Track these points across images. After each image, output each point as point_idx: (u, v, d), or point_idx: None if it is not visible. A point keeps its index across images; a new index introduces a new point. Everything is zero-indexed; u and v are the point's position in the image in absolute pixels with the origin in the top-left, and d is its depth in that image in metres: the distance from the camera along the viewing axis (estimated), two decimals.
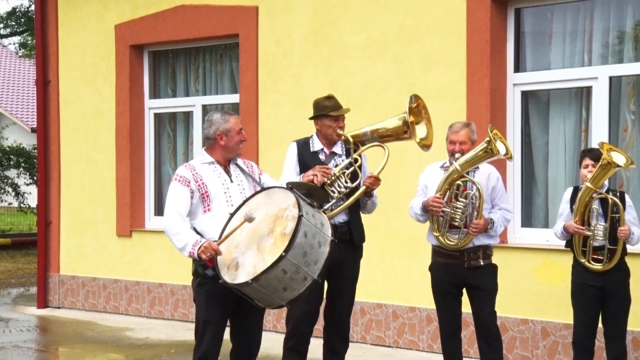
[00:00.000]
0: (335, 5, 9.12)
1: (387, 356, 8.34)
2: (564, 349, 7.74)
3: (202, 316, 5.62)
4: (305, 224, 5.17)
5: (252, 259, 5.25)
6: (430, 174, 6.87)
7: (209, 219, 5.61)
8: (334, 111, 6.44)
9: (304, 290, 5.27)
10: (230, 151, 5.75)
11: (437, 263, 6.82)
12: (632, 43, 7.87)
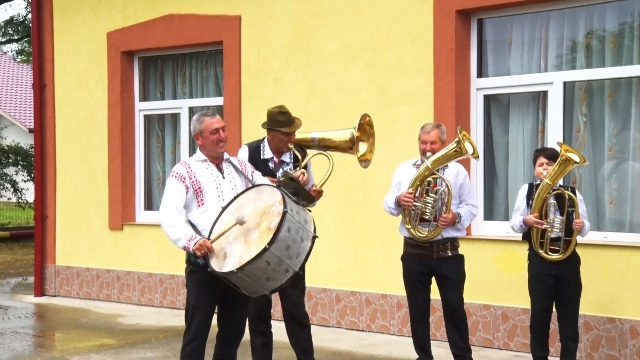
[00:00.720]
0: (313, 15, 9.13)
1: (360, 340, 8.34)
2: (522, 331, 7.79)
3: (192, 301, 5.62)
4: (289, 220, 5.19)
5: (239, 250, 5.26)
6: (403, 171, 6.92)
7: (202, 213, 5.61)
8: (286, 127, 6.38)
9: (286, 281, 5.28)
10: (209, 150, 5.71)
11: (408, 253, 6.84)
12: (584, 51, 7.92)
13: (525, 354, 7.49)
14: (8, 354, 7.95)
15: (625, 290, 7.34)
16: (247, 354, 6.89)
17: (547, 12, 8.04)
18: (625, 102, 7.73)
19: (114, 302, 10.79)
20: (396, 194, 6.72)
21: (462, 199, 6.82)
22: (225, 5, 9.80)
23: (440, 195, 6.63)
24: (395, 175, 6.96)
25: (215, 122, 5.69)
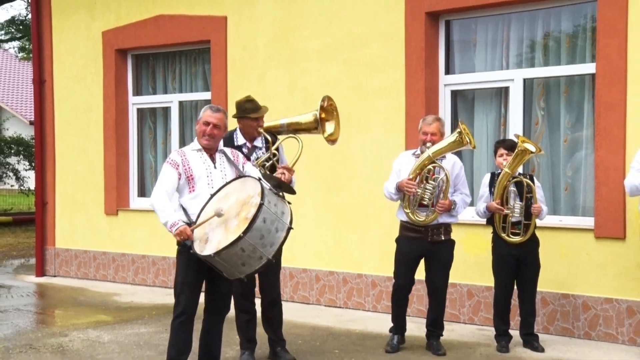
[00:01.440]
0: (294, 16, 9.14)
1: (338, 316, 8.38)
2: (485, 307, 7.87)
3: (180, 279, 5.65)
4: (265, 212, 5.20)
5: (219, 236, 5.28)
6: (403, 160, 6.93)
7: (192, 199, 5.63)
8: (254, 113, 6.38)
9: (260, 267, 5.31)
10: (210, 142, 5.73)
11: (405, 236, 6.85)
12: (542, 50, 7.97)
13: (488, 328, 7.55)
14: (11, 329, 7.94)
15: (578, 269, 7.43)
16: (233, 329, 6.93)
17: (509, 15, 8.07)
18: (579, 97, 7.79)
19: (110, 282, 10.79)
20: (397, 181, 6.74)
21: (457, 188, 6.89)
22: (212, 6, 9.79)
23: (439, 183, 6.69)
24: (396, 164, 6.95)
25: (210, 117, 5.70)
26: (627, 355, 6.80)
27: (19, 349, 7.06)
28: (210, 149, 5.77)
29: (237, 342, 7.00)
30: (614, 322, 7.26)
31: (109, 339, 7.46)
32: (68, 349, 7.06)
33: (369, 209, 8.53)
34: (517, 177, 6.83)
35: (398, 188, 6.69)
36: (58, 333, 7.73)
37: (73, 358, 6.77)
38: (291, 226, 5.43)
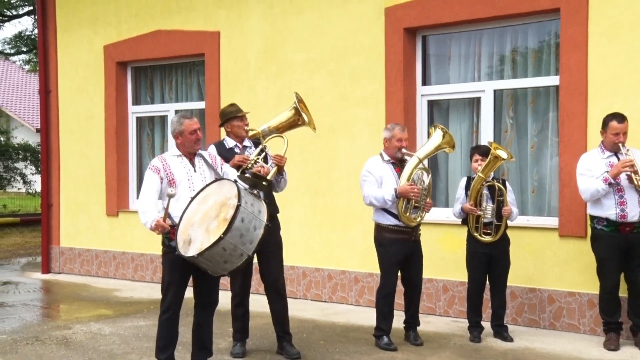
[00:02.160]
0: (281, 31, 9.16)
1: (323, 309, 8.40)
2: (459, 301, 7.91)
3: (167, 278, 5.65)
4: (242, 212, 5.20)
5: (201, 237, 5.27)
6: (379, 166, 6.73)
7: (175, 201, 5.56)
8: (235, 113, 6.41)
9: (241, 264, 5.31)
10: (187, 147, 5.72)
11: (391, 239, 6.65)
12: (510, 64, 8.01)
13: (462, 320, 7.59)
14: (19, 322, 7.94)
15: (544, 265, 7.48)
16: (225, 322, 6.93)
17: (480, 31, 8.11)
18: (544, 107, 7.83)
19: (111, 278, 10.77)
20: (385, 189, 6.58)
21: None
22: (206, 22, 9.81)
23: (428, 185, 6.67)
24: (375, 170, 6.71)
25: (193, 124, 5.69)
26: (588, 344, 6.85)
27: (26, 341, 7.07)
28: (192, 153, 5.75)
29: (230, 334, 7.01)
30: (576, 313, 7.31)
31: (110, 331, 7.46)
32: (72, 341, 7.07)
33: (351, 211, 8.56)
34: (490, 181, 6.88)
35: (400, 194, 6.47)
36: (62, 326, 7.73)
37: (76, 349, 6.77)
38: (268, 223, 5.40)
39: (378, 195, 6.59)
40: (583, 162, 6.73)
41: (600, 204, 6.60)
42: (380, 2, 8.40)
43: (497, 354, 6.51)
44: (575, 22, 7.25)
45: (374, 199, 6.62)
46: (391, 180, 6.64)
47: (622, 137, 6.49)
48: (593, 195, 6.56)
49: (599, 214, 6.62)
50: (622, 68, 7.07)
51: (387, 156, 6.77)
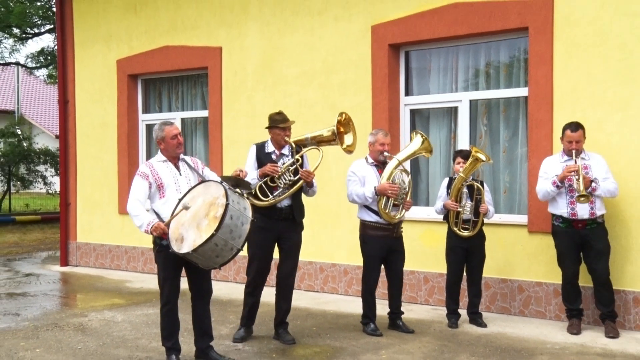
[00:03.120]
0: (277, 47, 9.17)
1: (315, 299, 8.41)
2: (438, 291, 7.92)
3: (162, 275, 5.66)
4: (231, 210, 5.20)
5: (193, 235, 5.26)
6: (363, 168, 6.76)
7: (163, 204, 5.60)
8: (282, 124, 6.35)
9: (232, 257, 5.32)
10: (170, 152, 5.69)
11: (373, 235, 6.67)
12: (484, 77, 8.03)
13: (441, 308, 7.61)
14: (40, 310, 7.94)
15: (514, 258, 7.51)
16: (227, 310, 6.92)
17: (457, 47, 8.13)
18: (514, 115, 7.85)
19: (123, 271, 10.76)
20: (366, 187, 6.61)
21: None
22: (209, 39, 9.81)
23: (408, 185, 6.68)
24: (358, 171, 6.74)
25: (173, 130, 5.67)
26: (553, 329, 6.89)
27: (46, 327, 7.07)
28: (178, 156, 5.73)
29: (231, 321, 7.04)
30: (543, 301, 7.34)
31: (122, 318, 7.47)
32: (87, 327, 7.07)
33: (340, 209, 8.56)
34: (469, 182, 6.91)
35: (379, 192, 6.52)
36: (79, 314, 7.73)
37: (92, 335, 6.77)
38: (253, 218, 5.41)
39: (359, 193, 6.63)
40: (543, 165, 6.86)
41: (556, 203, 6.72)
42: (366, 21, 8.42)
43: (472, 339, 6.54)
44: (541, 40, 7.28)
45: (355, 195, 6.67)
46: (373, 180, 6.67)
47: (574, 144, 6.55)
48: (545, 196, 6.72)
49: (555, 212, 6.74)
50: (582, 81, 7.11)
51: (371, 159, 6.80)
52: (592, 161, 6.64)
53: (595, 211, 6.56)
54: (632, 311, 6.87)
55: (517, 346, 6.28)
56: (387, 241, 6.69)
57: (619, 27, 6.92)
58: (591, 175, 6.51)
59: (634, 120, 6.85)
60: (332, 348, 6.25)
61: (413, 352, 6.08)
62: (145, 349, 6.24)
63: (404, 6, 8.15)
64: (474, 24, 7.70)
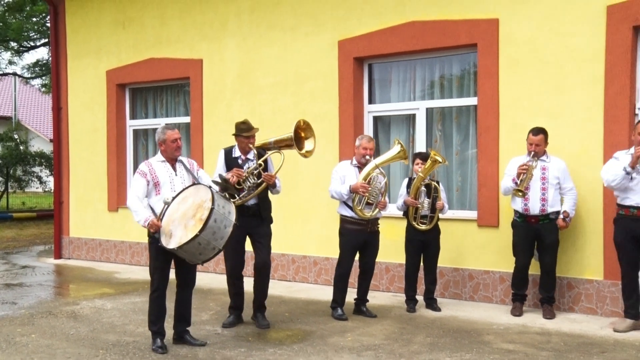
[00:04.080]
0: (253, 59, 9.17)
1: (288, 287, 8.42)
2: (398, 279, 7.98)
3: (153, 264, 5.67)
4: (215, 213, 5.21)
5: (180, 233, 5.28)
6: (344, 168, 6.83)
7: (159, 200, 5.62)
8: (246, 132, 6.35)
9: (213, 255, 5.35)
10: (169, 154, 5.72)
11: (349, 229, 6.73)
12: (439, 88, 8.09)
13: (400, 294, 7.65)
14: (35, 299, 7.86)
15: (465, 249, 7.59)
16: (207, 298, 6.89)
17: (414, 60, 8.18)
18: (465, 122, 7.92)
19: (112, 263, 10.69)
20: (344, 185, 6.64)
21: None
22: (191, 52, 9.78)
23: (383, 186, 6.72)
24: (338, 172, 6.79)
25: (174, 134, 5.70)
26: (499, 312, 6.98)
27: (41, 315, 7.01)
28: (176, 158, 5.75)
29: (211, 308, 7.03)
30: (490, 288, 7.43)
31: (111, 306, 7.42)
32: (79, 314, 7.02)
33: (311, 206, 8.60)
34: (427, 181, 6.98)
35: (352, 190, 6.57)
36: (71, 302, 7.67)
37: (83, 321, 6.72)
38: (236, 222, 5.42)
39: (337, 189, 6.70)
40: (509, 164, 6.87)
41: (515, 199, 6.77)
42: (334, 37, 8.45)
43: (428, 322, 6.60)
44: (488, 55, 7.37)
45: (334, 192, 6.74)
46: (352, 179, 6.72)
47: (534, 147, 6.63)
48: (505, 191, 6.80)
49: (514, 207, 6.82)
50: (523, 92, 7.21)
51: (355, 161, 6.86)
52: (550, 163, 6.68)
53: (546, 208, 6.63)
54: (566, 295, 7.01)
55: (467, 327, 6.35)
56: (362, 235, 6.73)
57: (553, 46, 7.03)
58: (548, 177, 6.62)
59: (567, 126, 6.97)
60: (303, 332, 6.27)
61: (375, 334, 6.13)
62: (133, 334, 6.21)
63: (368, 24, 8.20)
64: (429, 40, 7.76)
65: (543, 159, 6.67)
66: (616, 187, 6.10)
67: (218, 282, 8.72)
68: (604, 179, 6.17)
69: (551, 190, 6.62)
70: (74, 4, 11.13)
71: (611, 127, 6.73)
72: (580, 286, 6.94)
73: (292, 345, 5.77)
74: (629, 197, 6.08)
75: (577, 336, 6.06)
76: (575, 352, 5.57)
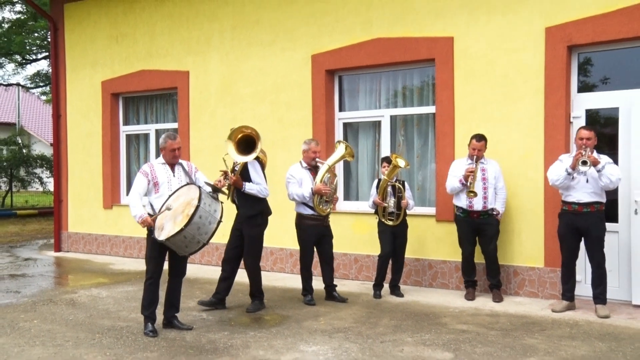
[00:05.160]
0: (235, 71, 9.13)
1: (266, 277, 8.22)
2: (366, 269, 7.99)
3: (148, 253, 5.65)
4: (201, 210, 5.21)
5: (169, 227, 5.28)
6: (299, 171, 6.82)
7: (157, 198, 5.62)
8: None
9: (198, 248, 5.35)
10: (167, 159, 5.72)
11: (308, 224, 6.77)
12: (402, 97, 8.12)
13: (368, 282, 7.69)
14: (37, 288, 7.76)
15: (425, 241, 7.63)
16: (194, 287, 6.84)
17: (380, 73, 8.21)
18: (425, 128, 7.96)
19: (107, 255, 10.57)
20: (305, 188, 6.67)
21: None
22: (178, 64, 9.70)
23: (336, 185, 6.83)
24: (296, 174, 6.78)
25: (174, 145, 5.69)
26: (454, 297, 7.04)
27: (42, 302, 6.93)
28: (173, 163, 5.74)
29: (197, 296, 6.99)
30: (447, 275, 7.48)
31: (106, 294, 7.35)
32: (77, 302, 6.95)
33: (287, 204, 8.50)
34: (393, 182, 7.00)
35: (315, 192, 6.61)
36: (70, 291, 7.58)
37: (81, 308, 6.66)
38: (221, 220, 5.41)
39: (299, 193, 6.70)
40: (452, 166, 6.99)
41: (459, 197, 6.87)
42: (307, 51, 8.45)
43: (392, 306, 6.63)
44: (445, 69, 7.42)
45: (296, 195, 6.74)
46: (308, 181, 6.74)
47: (476, 151, 6.72)
48: (452, 190, 6.88)
49: (458, 204, 6.91)
50: (476, 102, 7.27)
51: (305, 164, 6.85)
52: (488, 165, 6.81)
53: (487, 205, 6.75)
54: (512, 280, 7.10)
55: (426, 311, 6.40)
56: (318, 229, 6.79)
57: (501, 61, 7.11)
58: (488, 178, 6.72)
59: (515, 132, 7.06)
60: (280, 316, 6.26)
61: (345, 318, 6.13)
62: (126, 320, 6.15)
63: (338, 39, 8.21)
64: (393, 55, 7.80)
65: (482, 162, 6.78)
66: (559, 186, 6.22)
67: (203, 272, 8.69)
68: (549, 178, 6.28)
69: (490, 189, 6.76)
70: (72, 20, 10.99)
71: (551, 133, 6.83)
72: (524, 273, 7.03)
73: (271, 329, 5.76)
74: (571, 194, 6.20)
75: (521, 317, 6.15)
76: (519, 330, 5.65)
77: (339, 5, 8.20)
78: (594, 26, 6.58)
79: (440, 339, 5.38)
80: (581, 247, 6.32)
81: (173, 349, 5.17)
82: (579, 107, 6.84)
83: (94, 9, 10.70)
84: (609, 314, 6.09)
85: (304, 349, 5.13)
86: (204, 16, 9.42)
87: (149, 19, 10.04)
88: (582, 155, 5.94)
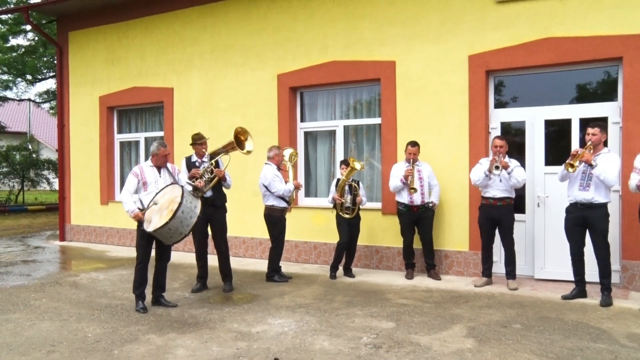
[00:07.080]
0: (213, 88, 8.95)
1: (239, 262, 8.24)
2: (323, 254, 7.90)
3: (138, 241, 5.48)
4: (183, 206, 5.10)
5: (156, 220, 5.17)
6: (272, 171, 6.75)
7: (145, 195, 5.48)
8: (199, 141, 6.22)
9: (181, 239, 5.20)
10: (158, 163, 5.58)
11: (282, 217, 6.78)
12: (353, 110, 8.07)
13: (325, 266, 7.65)
14: (44, 272, 7.48)
15: (374, 231, 7.58)
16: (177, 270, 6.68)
17: (334, 90, 8.14)
18: (373, 137, 7.92)
19: (104, 244, 10.25)
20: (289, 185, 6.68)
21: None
22: (164, 82, 9.46)
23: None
24: (277, 174, 6.73)
25: (166, 151, 5.60)
26: (397, 277, 7.00)
27: (50, 284, 6.70)
28: (162, 166, 5.59)
29: (180, 279, 6.81)
30: (391, 259, 7.47)
31: (104, 277, 7.12)
32: (79, 284, 6.73)
33: (256, 199, 8.43)
34: (349, 182, 6.94)
35: (296, 187, 6.72)
36: (73, 274, 7.33)
37: (82, 289, 6.44)
38: (200, 214, 5.30)
39: (286, 189, 6.72)
40: (393, 169, 6.97)
41: (401, 194, 6.84)
42: (274, 71, 8.34)
43: (345, 285, 6.57)
44: (389, 87, 7.41)
45: (284, 191, 6.71)
46: (283, 180, 6.76)
47: (412, 155, 6.75)
48: (395, 188, 6.85)
49: (400, 200, 6.87)
50: (414, 114, 7.27)
51: (275, 165, 6.81)
52: (422, 167, 6.83)
53: (425, 199, 6.76)
54: (444, 262, 7.12)
55: (374, 289, 6.36)
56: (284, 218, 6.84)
57: (435, 81, 7.13)
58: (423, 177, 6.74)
59: (445, 140, 7.08)
60: (251, 295, 6.14)
61: (306, 296, 6.05)
62: (120, 298, 5.96)
63: (299, 62, 8.12)
64: (345, 75, 7.75)
65: (418, 164, 6.80)
66: (479, 185, 6.32)
67: (186, 258, 8.50)
68: (471, 179, 6.39)
69: (426, 186, 6.80)
70: (75, 46, 10.66)
71: (474, 141, 6.88)
72: (453, 256, 7.06)
73: (243, 305, 5.64)
74: (488, 191, 6.33)
75: (450, 291, 6.17)
76: (449, 302, 5.67)
77: (300, 33, 8.12)
78: (505, 56, 6.69)
79: (385, 312, 5.34)
80: (496, 233, 6.40)
81: (160, 322, 5.06)
82: (496, 120, 6.93)
83: (93, 36, 10.40)
84: (517, 287, 6.23)
85: (271, 321, 5.04)
86: (187, 41, 9.22)
87: (140, 44, 9.78)
88: (496, 161, 6.15)
